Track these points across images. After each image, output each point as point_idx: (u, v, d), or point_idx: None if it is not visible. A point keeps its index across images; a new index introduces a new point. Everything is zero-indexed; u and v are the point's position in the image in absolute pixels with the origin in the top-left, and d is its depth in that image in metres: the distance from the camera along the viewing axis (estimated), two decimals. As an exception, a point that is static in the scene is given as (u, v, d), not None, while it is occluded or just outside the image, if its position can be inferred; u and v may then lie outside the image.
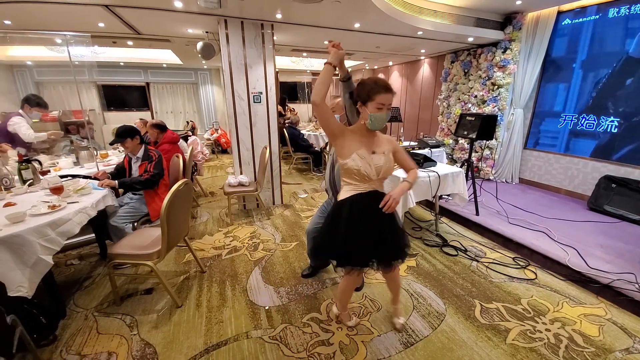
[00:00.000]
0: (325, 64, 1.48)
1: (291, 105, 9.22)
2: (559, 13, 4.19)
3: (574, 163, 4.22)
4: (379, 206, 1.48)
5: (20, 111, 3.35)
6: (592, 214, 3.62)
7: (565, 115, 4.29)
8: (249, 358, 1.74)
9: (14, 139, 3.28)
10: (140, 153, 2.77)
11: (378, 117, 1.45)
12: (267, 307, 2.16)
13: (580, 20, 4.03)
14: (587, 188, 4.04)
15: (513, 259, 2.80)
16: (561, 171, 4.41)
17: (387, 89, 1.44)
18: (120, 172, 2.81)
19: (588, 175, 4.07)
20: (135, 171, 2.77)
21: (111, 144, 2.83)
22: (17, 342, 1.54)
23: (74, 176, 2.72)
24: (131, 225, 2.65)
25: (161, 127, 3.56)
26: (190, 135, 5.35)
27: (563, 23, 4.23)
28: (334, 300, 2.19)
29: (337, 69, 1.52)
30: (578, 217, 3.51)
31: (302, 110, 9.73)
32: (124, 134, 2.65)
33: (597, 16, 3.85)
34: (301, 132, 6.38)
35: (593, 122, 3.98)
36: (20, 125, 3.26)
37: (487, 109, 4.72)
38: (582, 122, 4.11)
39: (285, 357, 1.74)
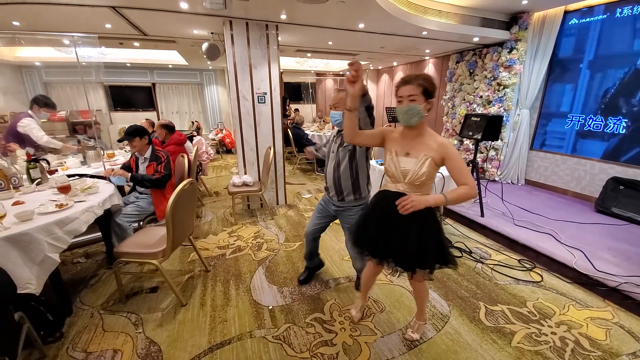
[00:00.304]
0: (345, 110, 1.48)
1: (295, 106, 9.25)
2: (566, 13, 4.15)
3: (581, 164, 4.18)
4: (396, 203, 1.40)
5: (30, 112, 3.39)
6: (599, 216, 3.57)
7: (572, 116, 4.25)
8: (253, 357, 1.74)
9: (23, 139, 3.32)
10: (148, 153, 2.80)
11: (397, 110, 1.45)
12: (270, 307, 2.16)
13: (588, 20, 3.99)
14: (595, 190, 3.99)
15: (519, 261, 2.77)
16: (568, 172, 4.36)
17: (404, 81, 1.43)
18: (126, 170, 2.85)
19: (595, 177, 4.02)
20: (143, 171, 2.80)
21: (119, 141, 2.88)
22: (24, 338, 1.57)
23: (81, 175, 2.76)
24: (135, 224, 2.69)
25: (169, 128, 3.59)
26: (195, 136, 5.39)
27: (570, 23, 4.18)
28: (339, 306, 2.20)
29: (354, 107, 1.48)
30: (585, 219, 3.47)
31: (306, 110, 9.75)
32: (133, 133, 2.70)
33: (605, 16, 3.81)
34: (305, 132, 6.39)
35: (601, 123, 3.93)
36: (32, 128, 3.30)
37: (493, 110, 4.68)
38: (589, 123, 4.06)
39: (288, 357, 1.74)
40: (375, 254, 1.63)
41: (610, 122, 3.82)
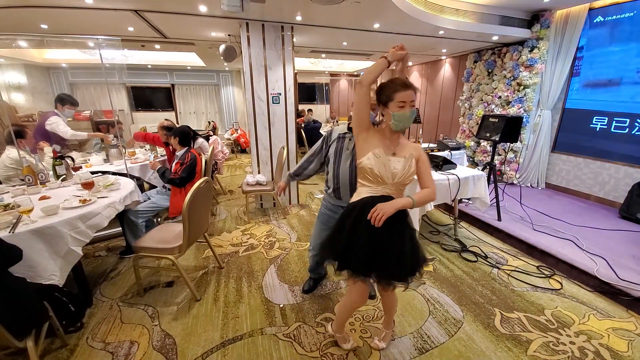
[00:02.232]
0: (381, 57, 1.46)
1: (308, 106, 9.27)
2: (590, 10, 3.99)
3: (605, 168, 4.00)
4: (368, 218, 1.35)
5: (56, 110, 3.54)
6: (624, 223, 3.41)
7: (597, 118, 4.07)
8: (263, 354, 1.77)
9: (49, 137, 3.48)
10: (181, 153, 2.93)
11: (401, 115, 1.38)
12: (281, 305, 2.18)
13: (614, 17, 3.82)
14: (619, 195, 3.81)
15: (537, 267, 2.69)
16: (591, 176, 4.19)
17: (405, 85, 1.38)
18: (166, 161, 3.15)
19: (620, 181, 3.84)
20: (172, 166, 2.97)
21: (167, 136, 3.20)
22: (47, 327, 1.65)
23: (104, 172, 2.87)
24: (144, 222, 2.76)
25: (170, 129, 3.65)
26: (211, 135, 5.50)
27: (595, 21, 4.02)
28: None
29: (391, 65, 1.51)
30: (608, 225, 3.32)
31: (319, 111, 9.77)
32: (174, 133, 2.94)
33: (632, 13, 3.63)
34: (319, 131, 6.41)
35: (627, 125, 3.75)
36: (59, 124, 3.45)
37: (512, 110, 4.55)
38: (614, 125, 3.88)
39: (298, 355, 1.76)
40: (364, 270, 1.43)
41: (637, 125, 3.65)
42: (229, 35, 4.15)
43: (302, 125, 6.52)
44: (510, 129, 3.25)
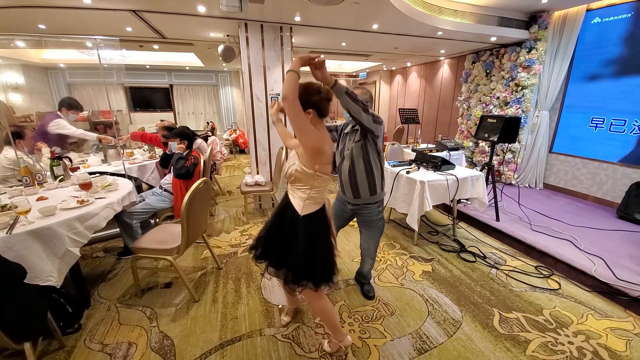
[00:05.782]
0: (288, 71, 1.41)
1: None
2: (588, 11, 4.01)
3: (603, 168, 4.02)
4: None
5: (59, 113, 3.50)
6: (621, 223, 3.43)
7: (595, 118, 4.09)
8: (262, 355, 1.76)
9: (48, 138, 3.45)
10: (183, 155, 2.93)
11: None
12: (280, 306, 2.18)
13: (611, 18, 3.84)
14: (617, 195, 3.83)
15: (535, 267, 2.69)
16: (589, 177, 4.20)
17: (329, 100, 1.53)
18: (162, 160, 3.12)
19: (618, 182, 3.85)
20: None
21: (165, 137, 3.15)
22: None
23: (101, 173, 2.86)
24: (139, 224, 2.74)
25: (171, 130, 3.65)
26: (210, 136, 5.49)
27: (592, 22, 4.04)
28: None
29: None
30: (606, 225, 3.34)
31: (319, 111, 9.76)
32: (176, 134, 2.93)
33: (629, 15, 3.66)
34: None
35: (624, 125, 3.77)
36: (64, 125, 3.40)
37: (510, 111, 4.57)
38: (612, 125, 3.90)
39: (297, 356, 1.75)
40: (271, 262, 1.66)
41: (634, 125, 3.67)
42: (227, 35, 4.15)
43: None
44: (508, 129, 3.26)
